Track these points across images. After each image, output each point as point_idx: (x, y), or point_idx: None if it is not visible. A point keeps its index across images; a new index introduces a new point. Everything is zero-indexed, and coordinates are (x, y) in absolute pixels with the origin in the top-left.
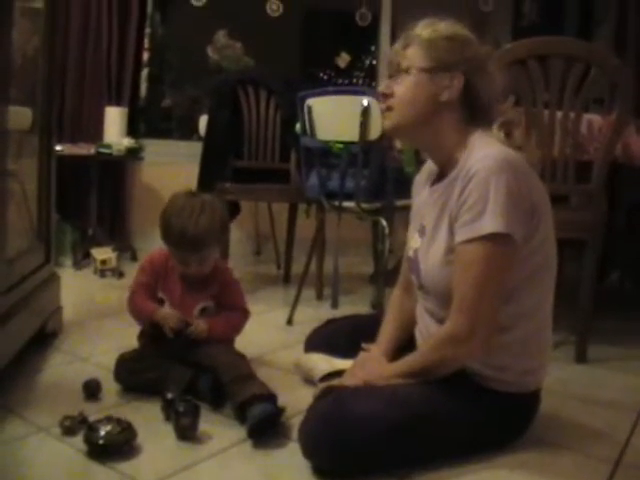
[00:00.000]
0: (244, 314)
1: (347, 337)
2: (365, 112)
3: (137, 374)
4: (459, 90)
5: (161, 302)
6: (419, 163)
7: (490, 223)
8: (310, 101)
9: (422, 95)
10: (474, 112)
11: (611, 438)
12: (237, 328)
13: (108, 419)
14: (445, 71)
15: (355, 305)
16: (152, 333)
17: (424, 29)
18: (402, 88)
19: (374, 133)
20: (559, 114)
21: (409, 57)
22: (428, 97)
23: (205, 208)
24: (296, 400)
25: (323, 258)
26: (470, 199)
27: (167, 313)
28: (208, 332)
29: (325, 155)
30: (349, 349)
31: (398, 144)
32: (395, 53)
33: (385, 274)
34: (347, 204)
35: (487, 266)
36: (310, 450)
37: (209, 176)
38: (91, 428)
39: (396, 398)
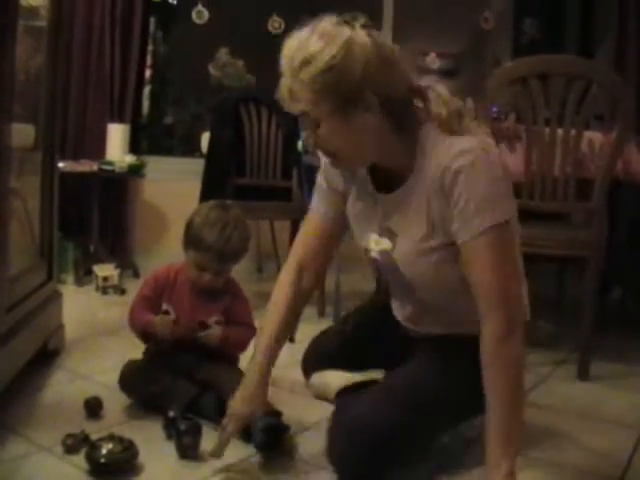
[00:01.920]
0: (252, 331)
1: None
2: None
3: (142, 384)
4: (377, 107)
5: (165, 313)
6: None
7: (489, 217)
8: None
9: (346, 136)
10: (401, 115)
11: (613, 456)
12: (246, 343)
13: (110, 437)
14: (352, 101)
15: None
16: (158, 349)
17: (298, 68)
18: (326, 140)
19: None
20: (560, 132)
21: (308, 104)
22: (353, 133)
23: (238, 225)
24: (300, 418)
25: (325, 276)
26: (461, 200)
27: (161, 321)
28: (221, 338)
29: None
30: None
31: None
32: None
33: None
34: None
35: (498, 254)
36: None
37: (211, 193)
38: (93, 446)
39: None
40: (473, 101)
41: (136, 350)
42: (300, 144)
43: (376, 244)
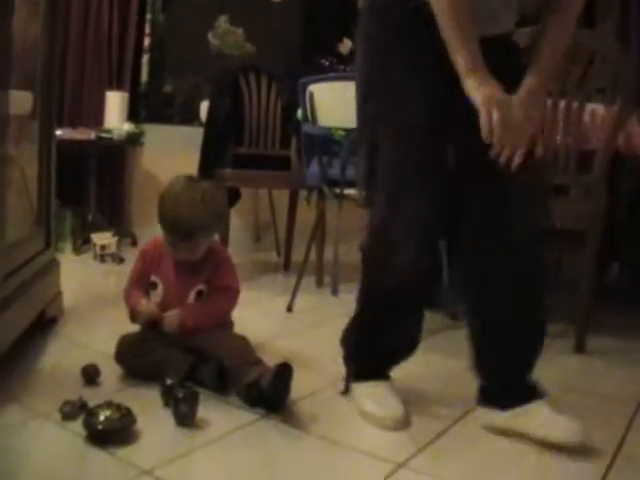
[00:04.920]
0: (232, 294)
1: None
2: None
3: (138, 357)
4: None
5: (154, 285)
6: None
7: None
8: (312, 87)
9: None
10: None
11: (609, 430)
12: (223, 311)
13: (108, 404)
14: None
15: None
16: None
17: None
18: None
19: None
20: (562, 103)
21: None
22: None
23: (205, 198)
24: (298, 387)
25: (323, 245)
26: None
27: (140, 310)
28: (180, 326)
29: (326, 142)
30: None
31: None
32: None
33: None
34: (348, 191)
35: None
36: None
37: (209, 162)
38: (90, 413)
39: None
40: None
41: None
42: (299, 113)
43: None
